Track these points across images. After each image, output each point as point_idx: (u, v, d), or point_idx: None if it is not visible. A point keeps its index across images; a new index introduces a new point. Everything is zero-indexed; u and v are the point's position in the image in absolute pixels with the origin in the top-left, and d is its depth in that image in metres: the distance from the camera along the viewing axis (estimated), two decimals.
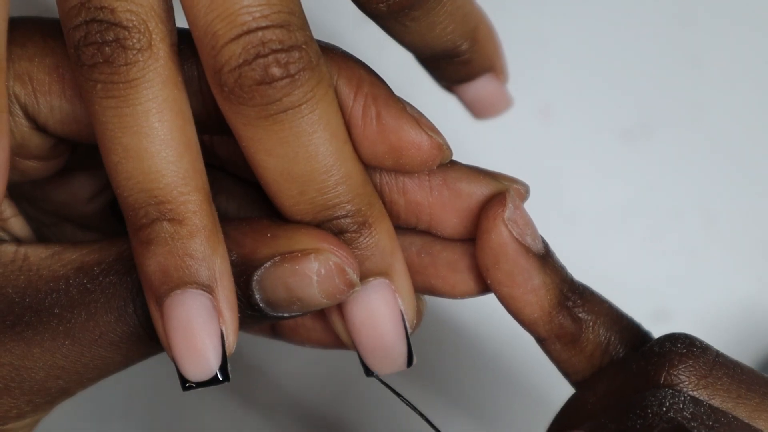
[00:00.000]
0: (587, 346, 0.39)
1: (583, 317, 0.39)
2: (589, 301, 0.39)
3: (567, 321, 0.39)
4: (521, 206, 0.38)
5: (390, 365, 0.38)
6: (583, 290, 0.39)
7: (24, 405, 0.38)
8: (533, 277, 0.38)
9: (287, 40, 0.34)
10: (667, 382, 0.36)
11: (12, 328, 0.37)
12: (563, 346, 0.39)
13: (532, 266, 0.38)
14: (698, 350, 0.37)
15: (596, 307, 0.39)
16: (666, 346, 0.37)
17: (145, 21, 0.34)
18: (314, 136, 0.35)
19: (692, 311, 0.67)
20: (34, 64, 0.37)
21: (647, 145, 0.67)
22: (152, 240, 0.35)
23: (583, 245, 0.67)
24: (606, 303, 0.40)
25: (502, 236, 0.38)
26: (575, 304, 0.39)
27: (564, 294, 0.39)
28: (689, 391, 0.36)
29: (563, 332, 0.39)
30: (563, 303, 0.39)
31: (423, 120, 0.37)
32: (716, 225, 0.67)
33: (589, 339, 0.39)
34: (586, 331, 0.39)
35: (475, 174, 0.39)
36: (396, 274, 0.38)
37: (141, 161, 0.35)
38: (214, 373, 0.36)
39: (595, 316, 0.39)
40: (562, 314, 0.39)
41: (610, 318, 0.39)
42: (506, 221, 0.38)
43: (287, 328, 0.42)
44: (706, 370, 0.36)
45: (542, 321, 0.39)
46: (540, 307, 0.38)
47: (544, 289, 0.38)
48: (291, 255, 0.36)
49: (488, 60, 0.45)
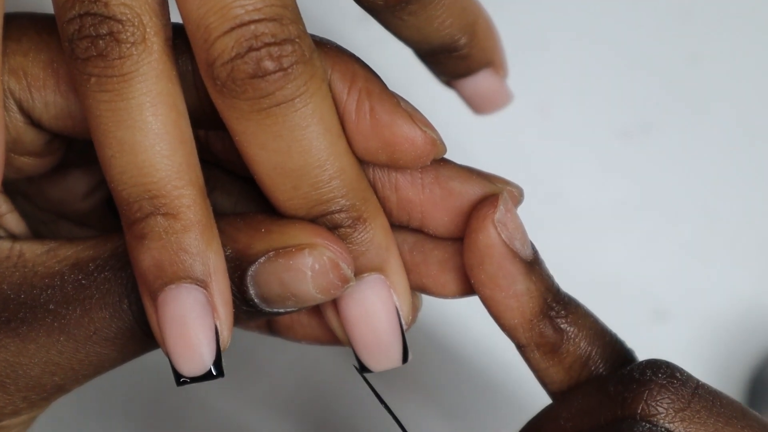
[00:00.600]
0: (566, 358, 0.39)
1: (565, 328, 0.38)
2: (573, 312, 0.39)
3: (548, 330, 0.38)
4: (513, 210, 0.38)
5: (385, 361, 0.38)
6: (568, 302, 0.39)
7: (19, 401, 0.37)
8: (517, 282, 0.38)
9: (280, 34, 0.34)
10: (644, 412, 0.36)
11: (7, 324, 0.37)
12: (542, 355, 0.39)
13: (517, 271, 0.38)
14: (678, 382, 0.36)
15: (580, 319, 0.39)
16: (647, 374, 0.36)
17: (139, 14, 0.34)
18: (307, 130, 0.35)
19: (692, 311, 0.67)
20: (29, 59, 0.37)
21: (646, 144, 0.67)
22: (146, 234, 0.35)
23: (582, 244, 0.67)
24: (591, 317, 0.39)
25: (489, 237, 0.37)
26: (558, 314, 0.38)
27: (547, 303, 0.38)
28: (665, 423, 0.36)
29: (543, 341, 0.38)
30: (545, 312, 0.38)
31: (417, 115, 0.37)
32: (716, 224, 0.67)
33: (569, 351, 0.38)
34: (566, 343, 0.38)
35: (467, 174, 0.39)
36: (391, 270, 0.38)
37: (135, 155, 0.35)
38: (208, 369, 0.36)
39: (578, 328, 0.39)
40: (544, 323, 0.38)
41: (594, 332, 0.39)
42: (496, 223, 0.37)
43: (283, 324, 0.42)
44: (684, 403, 0.36)
45: (522, 327, 0.38)
46: (521, 313, 0.38)
47: (527, 296, 0.38)
48: (285, 250, 0.36)
49: (487, 54, 0.45)
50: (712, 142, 0.67)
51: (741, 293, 0.67)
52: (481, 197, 0.38)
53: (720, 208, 0.67)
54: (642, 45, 0.67)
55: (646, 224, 0.67)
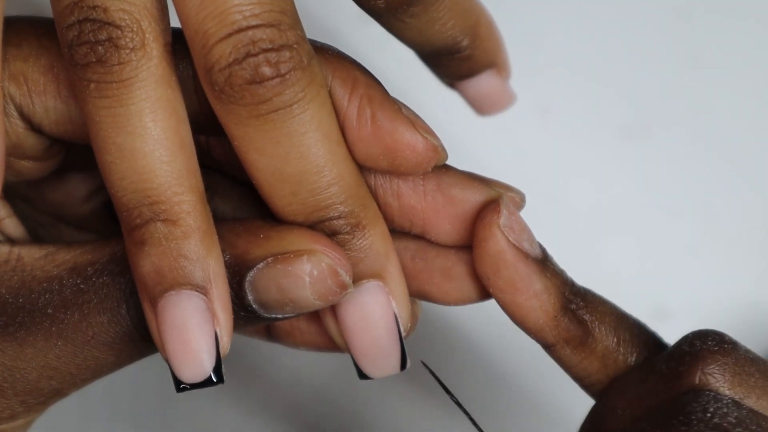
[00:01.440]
0: (597, 347, 0.39)
1: (588, 319, 0.38)
2: (591, 302, 0.39)
3: (573, 324, 0.38)
4: (516, 212, 0.38)
5: (383, 368, 0.38)
6: (585, 293, 0.39)
7: (17, 405, 0.37)
8: (534, 282, 0.38)
9: (278, 40, 0.34)
10: (702, 381, 0.36)
11: (5, 328, 0.37)
12: (573, 349, 0.39)
13: (533, 271, 0.38)
14: (729, 346, 0.36)
15: (599, 307, 0.39)
16: (696, 344, 0.37)
17: (138, 20, 0.34)
18: (306, 136, 0.35)
19: (692, 310, 0.67)
20: (29, 64, 0.37)
21: (646, 144, 0.67)
22: (146, 240, 0.35)
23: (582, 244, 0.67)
24: (608, 303, 0.39)
25: (499, 244, 0.38)
26: (578, 306, 0.39)
27: (566, 297, 0.38)
28: (725, 390, 0.36)
29: (570, 335, 0.38)
30: (567, 306, 0.38)
31: (418, 122, 0.37)
32: (716, 224, 0.67)
33: (598, 339, 0.39)
34: (593, 332, 0.38)
35: (469, 180, 0.39)
36: (390, 277, 0.38)
37: (134, 161, 0.35)
38: (208, 375, 0.36)
39: (600, 316, 0.39)
40: (567, 317, 0.38)
41: (615, 317, 0.39)
42: (502, 228, 0.37)
43: (283, 330, 0.42)
44: (739, 367, 0.36)
45: (548, 326, 0.38)
46: (545, 312, 0.38)
47: (547, 294, 0.38)
48: (284, 256, 0.36)
49: (489, 56, 0.45)
50: (712, 142, 0.67)
51: (741, 293, 0.67)
52: (482, 204, 0.38)
53: (720, 208, 0.67)
54: (642, 45, 0.67)
55: (647, 224, 0.67)
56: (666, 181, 0.67)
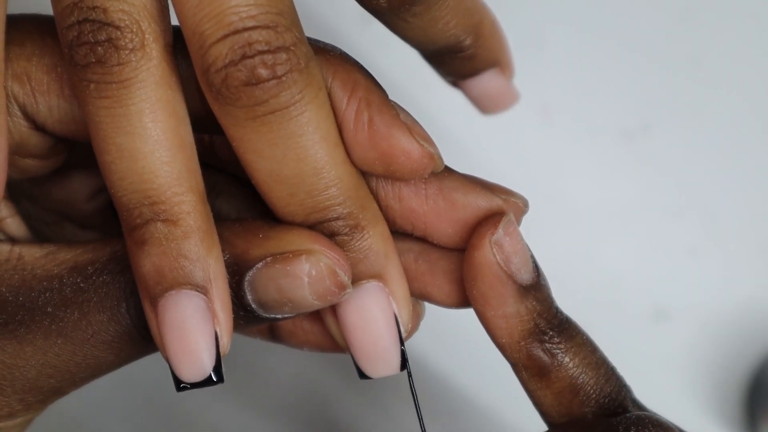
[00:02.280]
0: (555, 384, 0.38)
1: (557, 354, 0.38)
2: (569, 339, 0.39)
3: (538, 353, 0.38)
4: (515, 233, 0.38)
5: (383, 368, 0.38)
6: (565, 328, 0.39)
7: (16, 404, 0.37)
8: (507, 304, 0.38)
9: (274, 41, 0.34)
10: None
11: (5, 326, 0.37)
12: (530, 377, 0.39)
13: (508, 293, 0.38)
14: None
15: (575, 348, 0.39)
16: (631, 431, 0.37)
17: (138, 21, 0.34)
18: (303, 138, 0.35)
19: (692, 311, 0.67)
20: (33, 63, 0.37)
21: (648, 145, 0.67)
22: (146, 240, 0.35)
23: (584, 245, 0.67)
24: (588, 347, 0.39)
25: (484, 256, 0.38)
26: (550, 340, 0.38)
27: (540, 328, 0.38)
28: None
29: (531, 363, 0.38)
30: (537, 336, 0.38)
31: (416, 128, 0.37)
32: (716, 225, 0.67)
33: (559, 377, 0.38)
34: (556, 369, 0.38)
35: (471, 185, 0.39)
36: (390, 278, 0.38)
37: (134, 161, 0.35)
38: (208, 374, 0.36)
39: (571, 356, 0.38)
40: (533, 346, 0.38)
41: (588, 363, 0.39)
42: (492, 243, 0.37)
43: (285, 331, 0.42)
44: None
45: (509, 348, 0.38)
46: (508, 334, 0.38)
47: (517, 319, 0.38)
48: (282, 256, 0.36)
49: (493, 55, 0.45)
50: (713, 142, 0.67)
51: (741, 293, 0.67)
52: (486, 211, 0.38)
53: (720, 208, 0.67)
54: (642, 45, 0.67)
55: (647, 224, 0.67)
56: (667, 182, 0.67)
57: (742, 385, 0.66)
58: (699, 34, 0.67)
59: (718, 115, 0.67)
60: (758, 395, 0.65)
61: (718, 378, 0.66)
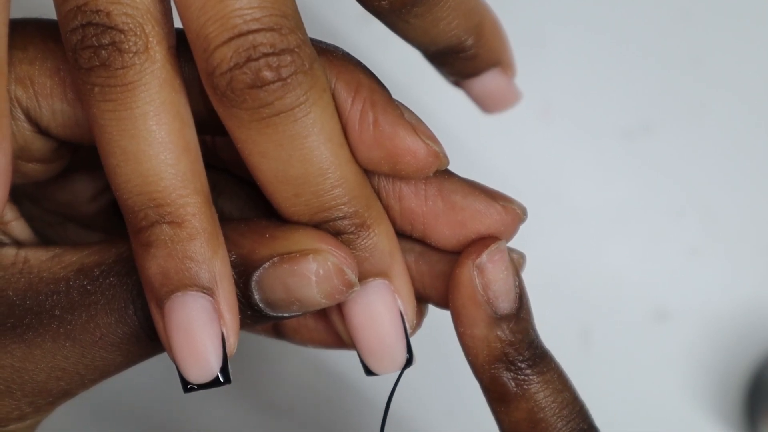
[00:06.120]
0: (515, 413, 0.38)
1: (522, 385, 0.38)
2: (539, 374, 0.38)
3: (503, 380, 0.38)
4: (501, 261, 0.38)
5: (389, 365, 0.38)
6: (537, 363, 0.38)
7: (25, 406, 0.38)
8: (477, 327, 0.38)
9: (279, 44, 0.34)
10: None
11: (13, 330, 0.37)
12: (490, 399, 0.39)
13: (480, 317, 0.38)
14: None
15: (543, 383, 0.38)
16: None
17: (141, 24, 0.34)
18: (308, 139, 0.35)
19: (692, 311, 0.67)
20: (35, 67, 0.37)
21: (648, 145, 0.67)
22: (152, 243, 0.35)
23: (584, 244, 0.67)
24: (557, 384, 0.39)
25: (463, 275, 0.38)
26: (519, 371, 0.38)
27: (509, 358, 0.38)
28: None
29: (493, 388, 0.38)
30: (504, 364, 0.38)
31: (420, 127, 0.37)
32: (716, 224, 0.67)
33: (520, 408, 0.38)
34: (517, 400, 0.38)
35: (471, 189, 0.39)
36: (395, 275, 0.38)
37: (139, 164, 0.35)
38: (215, 375, 0.36)
39: (536, 390, 0.38)
40: (499, 371, 0.38)
41: (553, 400, 0.38)
42: (475, 266, 0.38)
43: (290, 328, 0.43)
44: None
45: (474, 367, 0.39)
46: (474, 354, 0.38)
47: (484, 343, 0.38)
48: (289, 255, 0.36)
49: (494, 54, 0.45)
50: (714, 142, 0.67)
51: (741, 293, 0.67)
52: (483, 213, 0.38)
53: (721, 208, 0.67)
54: (643, 45, 0.67)
55: (647, 224, 0.67)
56: (667, 182, 0.67)
57: (742, 386, 0.66)
58: (699, 34, 0.67)
59: (718, 115, 0.67)
60: (758, 395, 0.65)
61: (718, 378, 0.66)
